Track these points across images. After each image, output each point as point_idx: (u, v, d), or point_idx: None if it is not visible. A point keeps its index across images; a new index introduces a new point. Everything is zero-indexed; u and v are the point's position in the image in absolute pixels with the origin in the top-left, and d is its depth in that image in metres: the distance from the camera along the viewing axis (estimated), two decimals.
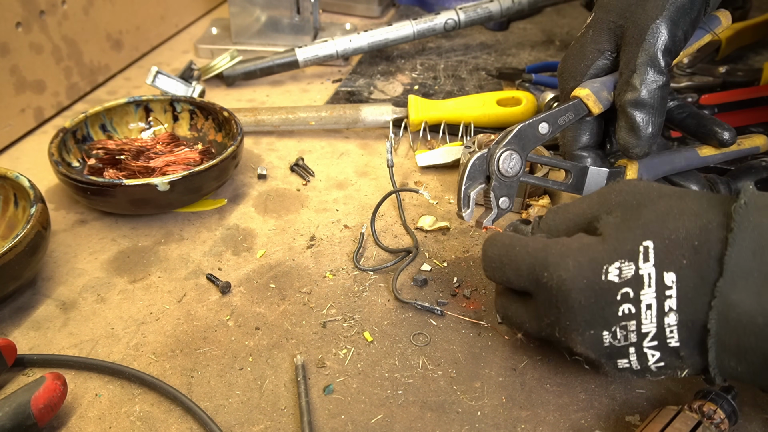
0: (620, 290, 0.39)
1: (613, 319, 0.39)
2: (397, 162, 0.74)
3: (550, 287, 0.41)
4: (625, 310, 0.39)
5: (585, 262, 0.40)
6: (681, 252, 0.38)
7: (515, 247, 0.44)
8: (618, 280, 0.39)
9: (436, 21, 0.89)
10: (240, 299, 0.55)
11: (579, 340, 0.40)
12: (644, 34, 0.49)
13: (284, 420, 0.45)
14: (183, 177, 0.59)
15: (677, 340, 0.38)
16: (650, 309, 0.38)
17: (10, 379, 0.49)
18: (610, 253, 0.39)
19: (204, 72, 0.90)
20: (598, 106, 0.52)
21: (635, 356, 0.39)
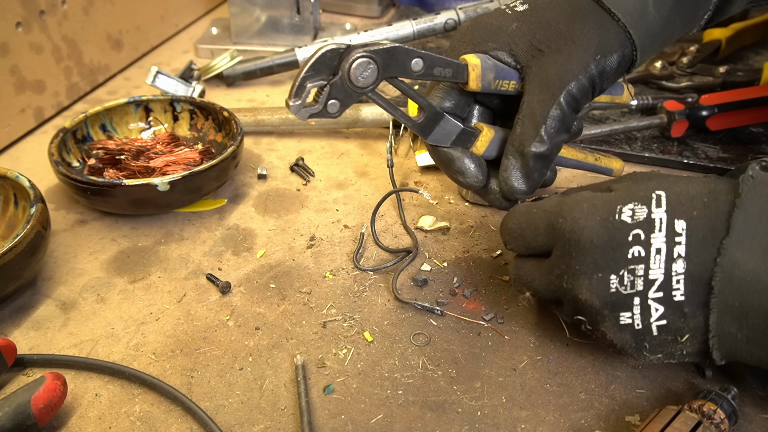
0: (632, 231, 0.39)
1: (622, 261, 0.39)
2: (397, 162, 0.74)
3: (563, 231, 0.42)
4: (635, 252, 0.39)
5: (599, 204, 0.41)
6: (692, 204, 0.39)
7: (532, 210, 0.45)
8: (630, 221, 0.39)
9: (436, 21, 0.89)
10: (240, 299, 0.55)
11: (586, 284, 0.41)
12: (562, 87, 0.47)
13: (284, 420, 0.45)
14: (183, 177, 0.59)
15: (682, 293, 0.38)
16: (659, 254, 0.38)
17: (10, 379, 0.49)
18: (623, 197, 0.41)
19: (204, 72, 0.90)
20: (477, 83, 0.49)
21: (639, 308, 0.40)
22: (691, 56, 0.87)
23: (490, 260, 0.59)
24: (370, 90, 0.48)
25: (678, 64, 0.87)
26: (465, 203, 0.67)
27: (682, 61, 0.87)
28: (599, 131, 0.73)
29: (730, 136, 0.75)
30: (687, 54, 0.88)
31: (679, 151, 0.73)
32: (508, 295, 0.55)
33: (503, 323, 0.53)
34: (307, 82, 0.46)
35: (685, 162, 0.72)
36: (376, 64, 0.47)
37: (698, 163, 0.71)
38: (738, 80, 0.83)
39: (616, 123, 0.74)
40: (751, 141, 0.75)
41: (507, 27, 0.49)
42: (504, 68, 0.50)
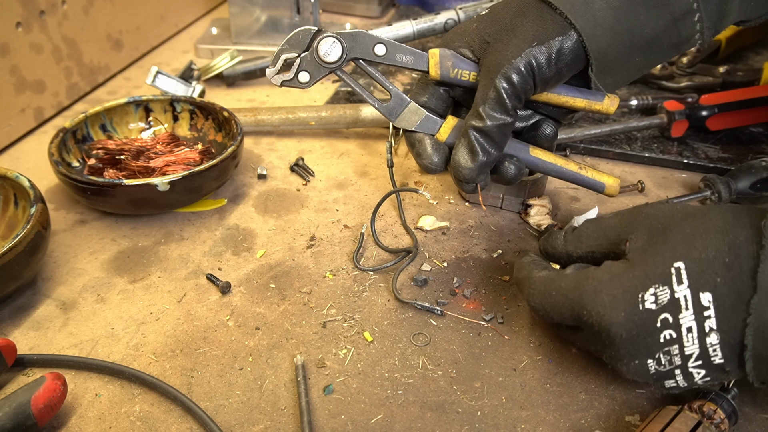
0: (659, 317, 0.39)
1: (655, 346, 0.40)
2: (397, 162, 0.74)
3: (591, 324, 0.42)
4: (666, 336, 0.39)
5: (619, 295, 0.40)
6: (713, 270, 0.38)
7: (552, 293, 0.45)
8: (655, 307, 0.39)
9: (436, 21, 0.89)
10: (240, 299, 0.55)
11: (625, 369, 0.41)
12: (498, 70, 0.49)
13: (284, 420, 0.45)
14: (183, 177, 0.59)
15: (721, 357, 0.39)
16: (691, 332, 0.38)
17: (10, 379, 0.49)
18: (642, 280, 0.40)
19: (204, 72, 0.90)
20: (437, 70, 0.54)
21: (681, 376, 0.40)
22: (691, 56, 0.87)
23: (490, 260, 0.59)
24: (337, 67, 0.55)
25: (678, 64, 0.87)
26: (465, 203, 0.67)
27: (682, 61, 0.87)
28: (599, 131, 0.73)
29: (730, 136, 0.75)
30: (687, 54, 0.88)
31: (679, 151, 0.73)
32: (508, 295, 0.55)
33: (503, 323, 0.53)
34: (282, 54, 0.55)
35: (685, 162, 0.72)
36: (341, 45, 0.54)
37: (698, 163, 0.71)
38: (738, 80, 0.83)
39: (616, 123, 0.74)
40: (751, 141, 0.75)
41: (469, 27, 0.54)
42: (463, 59, 0.54)
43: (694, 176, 0.71)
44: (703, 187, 0.65)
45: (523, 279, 0.48)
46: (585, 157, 0.74)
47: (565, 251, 0.49)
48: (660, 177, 0.71)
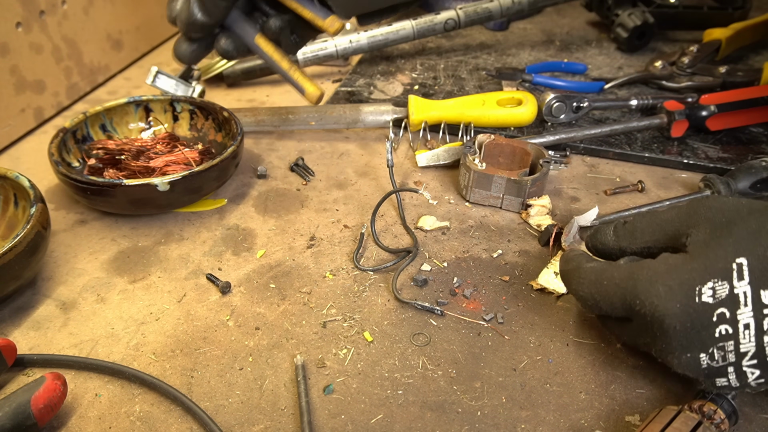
0: (715, 311, 0.38)
1: (710, 341, 0.38)
2: (397, 162, 0.74)
3: (644, 314, 0.40)
4: (722, 331, 0.38)
5: (675, 286, 0.39)
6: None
7: (603, 282, 0.44)
8: (712, 301, 0.38)
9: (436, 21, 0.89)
10: (240, 299, 0.55)
11: (676, 363, 0.41)
12: None
13: (284, 420, 0.45)
14: (183, 177, 0.59)
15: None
16: (748, 329, 0.37)
17: (10, 379, 0.49)
18: (701, 273, 0.38)
19: (204, 72, 0.90)
20: None
21: (734, 375, 0.39)
22: (691, 56, 0.87)
23: (490, 260, 0.59)
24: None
25: (678, 64, 0.87)
26: (465, 203, 0.67)
27: (682, 61, 0.87)
28: (599, 131, 0.73)
29: (730, 136, 0.75)
30: (687, 54, 0.88)
31: (679, 151, 0.73)
32: (508, 295, 0.55)
33: (503, 323, 0.53)
34: None
35: (685, 162, 0.72)
36: None
37: (698, 163, 0.71)
38: (738, 80, 0.83)
39: (616, 123, 0.74)
40: (751, 141, 0.75)
41: None
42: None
43: (694, 176, 0.71)
44: (703, 187, 0.65)
45: (571, 270, 0.47)
46: (585, 157, 0.74)
47: (618, 247, 0.47)
48: (660, 177, 0.71)
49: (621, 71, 0.91)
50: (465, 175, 0.66)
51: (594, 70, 0.92)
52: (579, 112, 0.77)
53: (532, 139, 0.72)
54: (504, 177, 0.63)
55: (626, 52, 0.97)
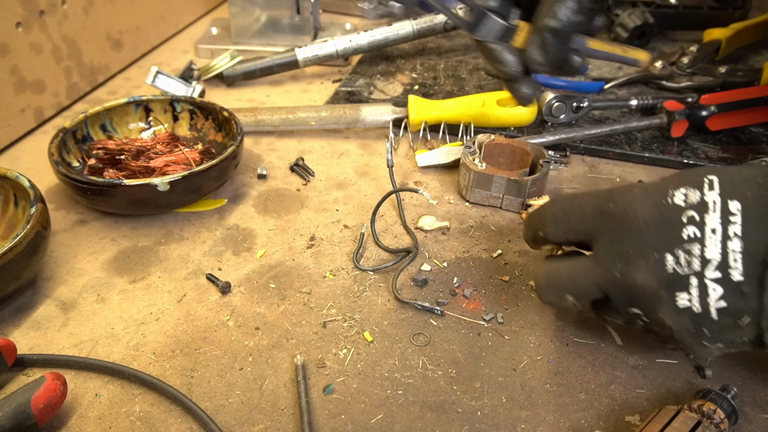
0: (685, 212, 0.39)
1: (677, 240, 0.39)
2: (397, 162, 0.74)
3: (615, 214, 0.42)
4: (689, 233, 0.39)
5: (651, 188, 0.41)
6: (745, 185, 0.39)
7: (579, 196, 0.45)
8: (683, 204, 0.40)
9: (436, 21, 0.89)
10: (240, 299, 0.55)
11: (642, 264, 0.40)
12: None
13: (284, 420, 0.45)
14: (183, 177, 0.59)
15: (741, 273, 0.38)
16: (715, 233, 0.38)
17: (10, 379, 0.49)
18: (675, 182, 0.41)
19: (204, 72, 0.90)
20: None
21: (697, 289, 0.38)
22: (691, 56, 0.87)
23: (490, 260, 0.59)
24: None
25: (678, 64, 0.87)
26: (465, 203, 0.67)
27: (682, 61, 0.87)
28: (599, 131, 0.73)
29: (730, 136, 0.75)
30: (687, 54, 0.88)
31: (679, 151, 0.73)
32: (508, 295, 0.55)
33: (503, 323, 0.53)
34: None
35: (685, 162, 0.72)
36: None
37: (698, 163, 0.71)
38: (738, 80, 0.83)
39: (616, 123, 0.74)
40: (751, 141, 0.75)
41: None
42: None
43: None
44: None
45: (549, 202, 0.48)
46: (585, 157, 0.74)
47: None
48: (660, 177, 0.71)
49: (621, 71, 0.91)
50: (465, 175, 0.66)
51: (594, 70, 0.92)
52: (579, 112, 0.77)
53: (532, 139, 0.72)
54: (504, 177, 0.63)
55: None
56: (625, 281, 0.41)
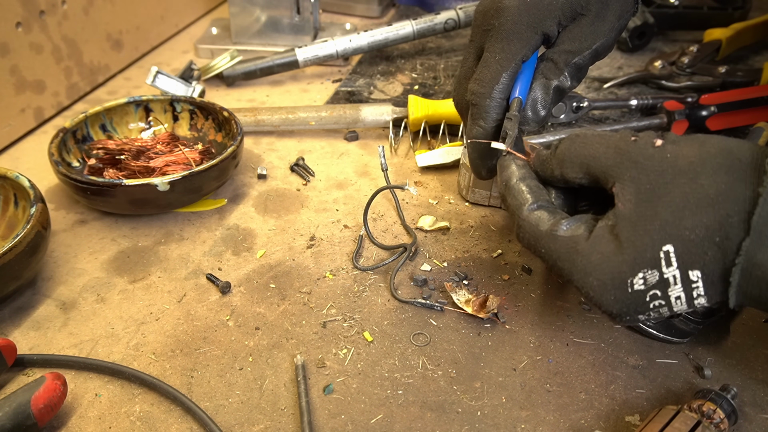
0: (648, 293, 0.40)
1: (645, 310, 0.41)
2: (397, 162, 0.74)
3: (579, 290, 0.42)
4: (655, 303, 0.40)
5: (608, 280, 0.40)
6: (703, 250, 0.38)
7: (541, 249, 0.44)
8: (644, 288, 0.40)
9: (436, 21, 0.89)
10: (240, 299, 0.55)
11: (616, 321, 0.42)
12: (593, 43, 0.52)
13: (284, 420, 0.45)
14: (183, 177, 0.59)
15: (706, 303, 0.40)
16: (680, 300, 0.39)
17: (10, 379, 0.49)
18: (631, 265, 0.40)
19: (204, 72, 0.90)
20: None
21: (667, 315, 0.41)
22: (691, 56, 0.87)
23: (490, 260, 0.59)
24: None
25: (678, 64, 0.87)
26: (465, 203, 0.67)
27: (682, 61, 0.87)
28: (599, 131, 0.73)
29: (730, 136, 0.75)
30: (687, 54, 0.88)
31: None
32: (508, 295, 0.55)
33: (503, 323, 0.53)
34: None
35: None
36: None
37: None
38: (738, 80, 0.83)
39: (616, 123, 0.74)
40: None
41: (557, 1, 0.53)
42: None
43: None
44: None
45: (513, 212, 0.47)
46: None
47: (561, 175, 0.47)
48: None
49: (621, 71, 0.91)
50: (465, 175, 0.66)
51: (594, 70, 0.92)
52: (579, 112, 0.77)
53: (532, 139, 0.72)
54: None
55: (626, 51, 0.97)
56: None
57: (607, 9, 0.53)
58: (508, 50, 0.52)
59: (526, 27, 0.52)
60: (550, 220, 0.45)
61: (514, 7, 0.53)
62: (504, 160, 0.49)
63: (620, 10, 0.53)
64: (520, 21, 0.52)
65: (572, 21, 0.53)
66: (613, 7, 0.53)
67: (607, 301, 0.41)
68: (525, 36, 0.52)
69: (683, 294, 0.39)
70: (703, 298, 0.39)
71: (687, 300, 0.39)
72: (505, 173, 0.48)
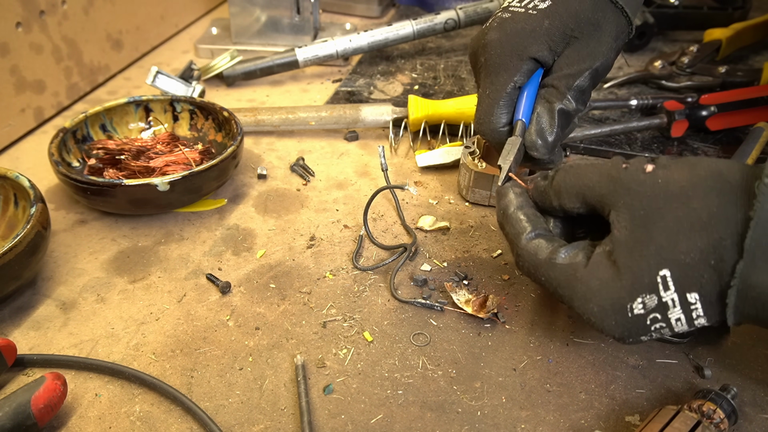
0: (648, 316, 0.40)
1: (645, 331, 0.41)
2: (397, 162, 0.74)
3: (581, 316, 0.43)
4: (656, 326, 0.41)
5: (608, 306, 0.41)
6: (699, 273, 0.38)
7: (540, 278, 0.45)
8: (644, 312, 0.40)
9: (436, 21, 0.89)
10: (240, 299, 0.55)
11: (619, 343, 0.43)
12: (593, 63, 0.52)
13: (284, 420, 0.45)
14: (183, 177, 0.59)
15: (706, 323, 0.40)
16: (680, 321, 0.40)
17: (10, 379, 0.49)
18: (629, 291, 0.40)
19: (204, 72, 0.90)
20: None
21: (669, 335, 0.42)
22: (691, 56, 0.87)
23: (490, 260, 0.59)
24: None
25: (678, 64, 0.87)
26: (465, 203, 0.67)
27: (682, 61, 0.87)
28: (599, 131, 0.73)
29: (730, 136, 0.75)
30: (687, 54, 0.88)
31: (679, 151, 0.73)
32: (508, 295, 0.55)
33: (503, 323, 0.53)
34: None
35: None
36: None
37: None
38: (738, 80, 0.83)
39: (616, 123, 0.74)
40: None
41: (540, 27, 0.53)
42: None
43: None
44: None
45: (511, 241, 0.47)
46: (585, 157, 0.74)
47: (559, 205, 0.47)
48: None
49: (621, 71, 0.91)
50: (465, 175, 0.66)
51: None
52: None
53: None
54: None
55: (626, 51, 0.97)
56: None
57: (601, 31, 0.52)
58: (497, 82, 0.52)
59: (510, 56, 0.52)
60: (548, 248, 0.45)
61: (496, 40, 0.53)
62: (502, 189, 0.49)
63: (615, 31, 0.53)
64: (504, 52, 0.53)
65: (566, 46, 0.53)
66: (606, 28, 0.53)
67: (609, 326, 0.42)
68: (511, 65, 0.52)
69: (683, 316, 0.40)
70: (703, 319, 0.40)
71: (687, 321, 0.40)
72: (503, 201, 0.49)
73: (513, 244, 0.47)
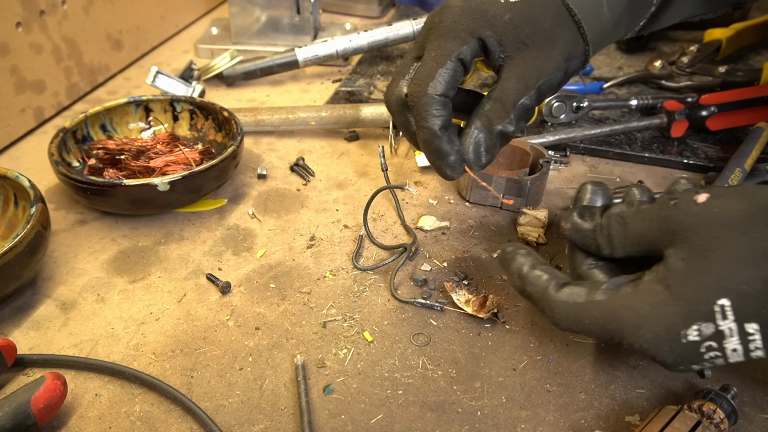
0: (703, 344, 0.39)
1: (699, 360, 0.39)
2: (397, 162, 0.74)
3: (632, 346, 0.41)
4: (711, 355, 0.39)
5: (662, 332, 0.39)
6: (760, 303, 0.37)
7: (584, 321, 0.42)
8: (699, 339, 0.39)
9: None
10: (240, 299, 0.55)
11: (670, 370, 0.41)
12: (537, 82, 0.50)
13: (284, 420, 0.45)
14: (183, 177, 0.59)
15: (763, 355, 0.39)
16: (736, 352, 0.38)
17: (10, 379, 0.49)
18: (684, 317, 0.39)
19: (204, 72, 0.90)
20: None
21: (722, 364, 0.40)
22: (691, 56, 0.87)
23: (490, 260, 0.59)
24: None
25: (678, 64, 0.87)
26: (465, 203, 0.67)
27: (682, 61, 0.87)
28: (599, 131, 0.73)
29: (730, 136, 0.75)
30: (687, 54, 0.88)
31: (679, 151, 0.73)
32: (508, 295, 0.55)
33: (503, 323, 0.53)
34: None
35: (685, 162, 0.72)
36: None
37: (698, 163, 0.71)
38: (738, 80, 0.83)
39: (616, 123, 0.74)
40: None
41: (501, 17, 0.51)
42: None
43: (694, 176, 0.71)
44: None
45: (539, 299, 0.45)
46: (585, 157, 0.74)
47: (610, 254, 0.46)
48: (660, 177, 0.71)
49: (621, 71, 0.91)
50: (465, 175, 0.66)
51: (594, 70, 0.92)
52: (579, 112, 0.77)
53: (532, 139, 0.72)
54: (504, 177, 0.63)
55: (626, 51, 0.97)
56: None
57: (553, 46, 0.50)
58: (444, 47, 0.50)
59: (464, 28, 0.51)
60: (584, 290, 0.43)
61: (457, 7, 0.51)
62: (506, 254, 0.47)
63: (568, 51, 0.51)
64: (460, 21, 0.51)
65: (516, 51, 0.51)
66: (559, 45, 0.51)
67: (663, 353, 0.39)
68: (462, 36, 0.50)
69: (740, 346, 0.38)
70: (761, 351, 0.38)
71: (744, 352, 0.38)
72: (513, 266, 0.47)
73: (541, 300, 0.44)
